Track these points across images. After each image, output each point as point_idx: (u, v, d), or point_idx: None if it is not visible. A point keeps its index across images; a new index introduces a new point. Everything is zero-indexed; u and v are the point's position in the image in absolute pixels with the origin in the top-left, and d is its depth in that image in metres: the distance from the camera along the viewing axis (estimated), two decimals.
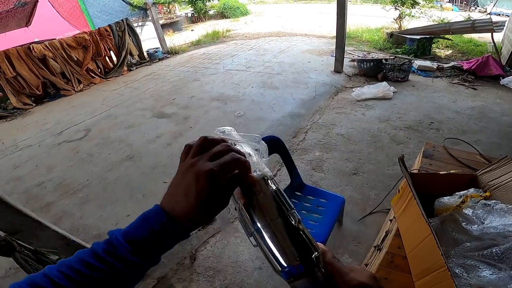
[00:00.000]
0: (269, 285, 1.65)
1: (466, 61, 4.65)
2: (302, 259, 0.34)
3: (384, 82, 3.86)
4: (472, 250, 0.78)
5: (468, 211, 0.86)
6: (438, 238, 0.74)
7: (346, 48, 4.71)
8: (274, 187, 0.40)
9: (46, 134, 4.11)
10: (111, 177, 2.92)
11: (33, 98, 5.47)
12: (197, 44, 8.46)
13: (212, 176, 0.32)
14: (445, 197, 0.96)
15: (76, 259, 0.32)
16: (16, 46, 5.17)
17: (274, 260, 0.34)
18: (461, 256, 0.78)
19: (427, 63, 4.68)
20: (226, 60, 6.29)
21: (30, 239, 1.25)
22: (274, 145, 1.58)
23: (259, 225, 0.36)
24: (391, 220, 1.41)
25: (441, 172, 1.01)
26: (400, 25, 6.68)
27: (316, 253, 0.34)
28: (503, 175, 0.95)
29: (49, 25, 6.87)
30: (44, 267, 0.33)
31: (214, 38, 8.88)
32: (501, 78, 4.10)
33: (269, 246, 0.35)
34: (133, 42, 6.73)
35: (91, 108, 4.75)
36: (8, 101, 5.28)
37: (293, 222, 0.36)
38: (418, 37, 5.35)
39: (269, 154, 1.49)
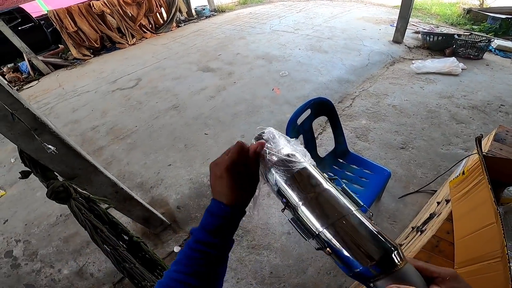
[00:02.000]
0: (294, 251, 1.66)
1: None
2: (378, 259, 0.31)
3: (453, 58, 3.41)
4: None
5: None
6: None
7: (411, 19, 4.18)
8: (331, 186, 0.39)
9: (102, 81, 4.42)
10: (157, 124, 3.09)
11: (91, 50, 5.91)
12: (244, 3, 8.16)
13: (227, 166, 0.42)
14: None
15: (179, 259, 0.41)
16: (78, 3, 5.49)
17: (344, 263, 0.33)
18: None
19: (509, 44, 4.01)
20: (273, 20, 6.01)
21: (85, 184, 1.24)
22: (323, 107, 1.49)
23: (321, 227, 0.35)
24: (438, 203, 1.34)
25: None
26: (482, 2, 5.75)
27: (394, 250, 0.31)
28: None
29: None
30: (95, 216, 0.44)
31: None
32: None
33: (337, 248, 0.33)
34: None
35: (142, 60, 4.95)
36: (69, 52, 5.75)
37: (362, 219, 0.34)
38: (503, 16, 4.57)
39: (316, 116, 1.40)
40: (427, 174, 2.09)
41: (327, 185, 0.39)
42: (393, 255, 0.31)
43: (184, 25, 6.76)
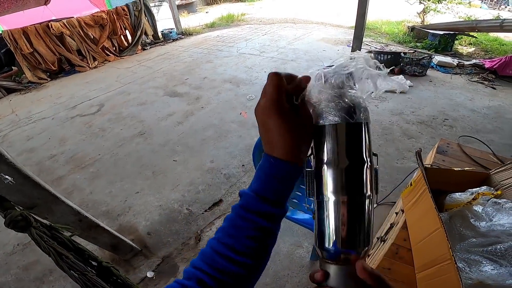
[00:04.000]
0: (270, 269, 1.69)
1: (488, 60, 4.47)
2: (356, 247, 0.33)
3: (401, 76, 3.77)
4: (477, 246, 0.79)
5: (478, 208, 0.87)
6: (446, 231, 0.75)
7: (364, 39, 4.58)
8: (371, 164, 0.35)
9: (60, 107, 4.21)
10: (122, 152, 3.00)
11: (48, 73, 5.60)
12: (212, 26, 8.36)
13: (267, 107, 0.34)
14: (457, 193, 0.96)
15: (223, 226, 0.36)
16: (35, 24, 5.23)
17: (329, 237, 0.34)
18: (465, 251, 0.79)
19: (448, 59, 4.53)
20: (240, 43, 6.22)
21: (45, 214, 1.22)
22: None
23: (334, 197, 0.34)
24: (397, 213, 1.41)
25: (455, 169, 1.01)
26: (423, 19, 6.43)
27: (367, 247, 0.34)
28: None
29: (68, 3, 6.90)
30: (59, 243, 0.38)
31: (229, 21, 8.75)
32: None
33: (335, 222, 0.34)
34: (148, 22, 6.72)
35: (105, 84, 4.81)
36: (24, 75, 5.40)
37: (368, 207, 0.35)
38: (441, 32, 5.15)
39: None
40: (386, 187, 2.25)
41: (364, 158, 0.34)
42: (363, 251, 0.34)
43: (150, 48, 6.73)
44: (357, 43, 4.43)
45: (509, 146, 2.75)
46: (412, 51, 4.68)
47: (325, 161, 0.35)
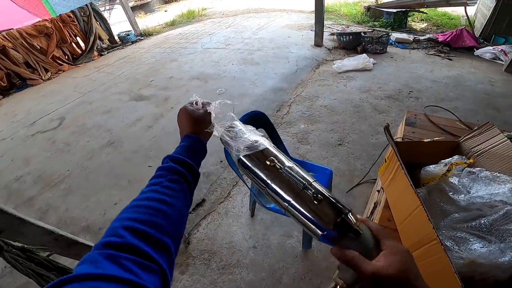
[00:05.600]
0: (265, 263, 1.66)
1: (441, 34, 4.76)
2: (334, 223, 0.36)
3: (364, 54, 3.89)
4: (460, 221, 0.77)
5: (454, 180, 0.84)
6: (427, 208, 0.72)
7: (325, 22, 4.64)
8: (290, 164, 0.45)
9: (17, 126, 3.82)
10: (92, 165, 2.79)
11: None
12: (172, 24, 8.03)
13: (182, 110, 0.61)
14: (431, 166, 0.93)
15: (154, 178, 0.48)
16: None
17: (311, 230, 0.38)
18: (450, 228, 0.76)
19: (404, 36, 4.75)
20: (204, 39, 6.04)
21: (15, 237, 1.17)
22: (258, 120, 1.52)
23: (289, 199, 0.40)
24: (378, 191, 1.39)
25: (425, 140, 0.99)
26: None
27: (346, 213, 0.37)
28: (485, 141, 0.95)
29: (5, 15, 6.26)
30: (36, 264, 0.43)
31: (190, 17, 8.46)
32: (475, 49, 4.25)
33: (303, 217, 0.39)
34: (101, 26, 6.29)
35: (63, 96, 4.44)
36: None
37: (320, 188, 0.41)
38: (394, 10, 5.38)
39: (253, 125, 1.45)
40: (365, 165, 2.30)
41: (288, 162, 0.46)
42: (348, 216, 0.37)
43: (108, 53, 6.32)
44: (319, 27, 4.48)
45: (473, 111, 2.95)
46: (371, 30, 4.84)
47: (266, 182, 0.45)
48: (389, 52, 4.21)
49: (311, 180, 0.41)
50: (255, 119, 1.49)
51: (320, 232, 0.37)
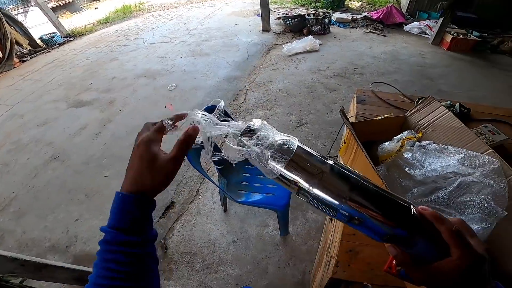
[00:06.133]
0: (248, 256, 1.64)
1: (374, 12, 5.12)
2: (399, 221, 0.33)
3: (310, 36, 4.00)
4: (420, 196, 0.77)
5: (408, 155, 0.85)
6: (388, 185, 0.71)
7: (270, 6, 4.65)
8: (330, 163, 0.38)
9: None
10: (39, 183, 2.44)
11: None
12: (106, 22, 7.27)
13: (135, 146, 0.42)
14: (386, 143, 0.94)
15: (96, 262, 0.37)
16: None
17: (374, 232, 0.34)
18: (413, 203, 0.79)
19: (343, 15, 5.00)
20: (145, 34, 5.60)
21: None
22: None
23: (340, 202, 0.35)
24: None
25: (377, 118, 1.01)
26: None
27: (412, 208, 0.34)
28: (429, 114, 1.00)
29: None
30: None
31: (126, 13, 7.75)
32: (404, 25, 4.67)
33: (366, 220, 0.34)
34: (17, 31, 5.43)
35: None
36: None
37: (372, 186, 0.36)
38: None
39: None
40: (325, 143, 2.40)
41: (327, 160, 0.38)
42: (412, 211, 0.33)
43: (32, 58, 5.49)
44: (265, 12, 4.47)
45: (411, 82, 3.25)
46: (314, 12, 4.99)
47: (308, 187, 0.37)
48: (332, 32, 4.40)
49: (360, 179, 0.37)
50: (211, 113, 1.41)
51: (386, 232, 0.34)
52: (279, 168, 0.38)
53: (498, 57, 3.94)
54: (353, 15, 5.10)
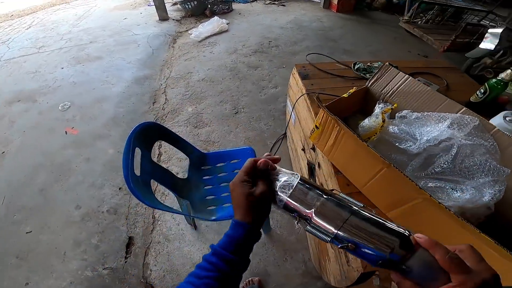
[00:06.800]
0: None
1: None
2: (399, 241, 0.34)
3: (215, 17, 3.73)
4: (420, 169, 0.76)
5: (393, 129, 0.81)
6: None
7: None
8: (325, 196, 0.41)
9: None
10: None
11: None
12: None
13: (234, 182, 0.46)
14: (365, 120, 0.89)
15: (197, 271, 0.43)
16: None
17: (367, 256, 0.36)
18: (416, 179, 0.74)
19: None
20: None
21: None
22: (153, 133, 1.12)
23: (335, 229, 0.38)
24: (303, 150, 1.39)
25: (345, 95, 0.94)
26: None
27: (407, 233, 0.34)
28: (390, 82, 0.98)
29: None
30: None
31: None
32: None
33: (358, 244, 0.36)
34: None
35: None
36: None
37: (368, 214, 0.38)
38: None
39: (147, 145, 1.07)
40: (269, 123, 2.27)
41: (326, 192, 0.42)
42: (405, 235, 0.34)
43: None
44: (157, 0, 3.93)
45: (320, 47, 3.40)
46: None
47: (308, 216, 0.41)
48: (235, 9, 4.24)
49: (360, 204, 0.40)
50: (148, 133, 1.07)
51: (379, 258, 0.34)
52: (284, 198, 0.43)
53: (374, 13, 4.59)
54: None
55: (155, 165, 1.12)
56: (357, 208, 0.39)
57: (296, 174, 0.46)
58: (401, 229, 0.35)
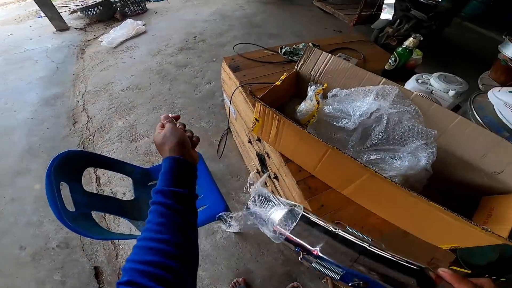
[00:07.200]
0: (223, 269, 1.41)
1: None
2: (417, 279, 0.33)
3: (129, 19, 3.37)
4: (360, 144, 0.77)
5: (328, 109, 0.81)
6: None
7: (54, 3, 3.49)
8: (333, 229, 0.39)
9: None
10: None
11: None
12: None
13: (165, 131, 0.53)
14: (301, 105, 0.88)
15: (151, 214, 0.42)
16: None
17: None
18: (356, 153, 0.75)
19: None
20: None
21: None
22: (77, 162, 0.94)
23: (345, 269, 0.36)
24: (250, 142, 1.35)
25: (277, 83, 0.91)
26: None
27: (426, 268, 0.34)
28: (316, 62, 0.98)
29: None
30: None
31: None
32: None
33: (370, 282, 0.34)
34: None
35: None
36: None
37: (378, 251, 0.36)
38: None
39: (74, 176, 0.93)
40: (211, 121, 2.17)
41: (331, 227, 0.39)
42: (429, 272, 0.33)
43: None
44: (49, 11, 3.33)
45: (247, 34, 3.39)
46: None
47: (313, 252, 0.39)
48: (150, 9, 3.92)
49: (366, 245, 0.37)
50: (71, 163, 0.90)
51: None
52: (285, 232, 0.41)
53: None
54: None
55: (92, 195, 0.97)
56: (366, 245, 0.37)
57: (298, 206, 0.43)
58: (415, 266, 0.34)
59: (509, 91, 1.03)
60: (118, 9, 3.63)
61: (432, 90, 1.15)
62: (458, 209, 0.60)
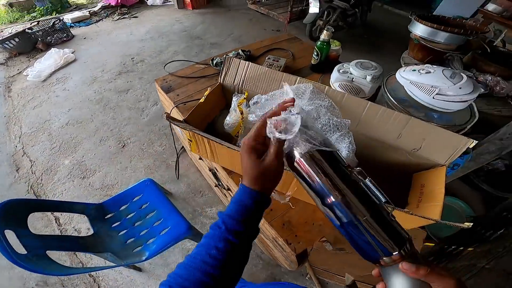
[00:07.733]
0: None
1: None
2: (398, 247, 0.35)
3: (53, 49, 3.12)
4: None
5: (252, 118, 0.80)
6: None
7: None
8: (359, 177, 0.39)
9: None
10: None
11: None
12: None
13: (244, 142, 0.45)
14: (227, 118, 0.89)
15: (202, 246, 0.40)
16: None
17: (371, 251, 0.36)
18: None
19: (77, 14, 4.24)
20: None
21: None
22: (19, 211, 0.94)
23: (353, 219, 0.37)
24: (201, 159, 1.36)
25: (201, 100, 0.91)
26: None
27: (407, 237, 0.36)
28: (237, 72, 0.99)
29: None
30: None
31: None
32: (146, 1, 4.63)
33: (364, 239, 0.36)
34: None
35: None
36: None
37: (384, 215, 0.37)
38: None
39: (19, 223, 0.91)
40: (163, 143, 2.12)
41: (353, 176, 0.40)
42: (407, 243, 0.35)
43: None
44: None
45: (188, 47, 3.34)
46: (36, 23, 3.87)
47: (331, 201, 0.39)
48: (77, 35, 3.66)
49: (383, 199, 0.37)
50: (13, 212, 0.90)
51: (389, 251, 0.35)
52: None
53: (227, 1, 4.82)
54: (88, 10, 4.43)
55: (45, 237, 0.97)
56: (382, 200, 0.37)
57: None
58: (407, 233, 0.37)
59: (412, 70, 1.16)
60: (39, 38, 3.33)
61: (353, 78, 1.24)
62: (396, 190, 0.64)
